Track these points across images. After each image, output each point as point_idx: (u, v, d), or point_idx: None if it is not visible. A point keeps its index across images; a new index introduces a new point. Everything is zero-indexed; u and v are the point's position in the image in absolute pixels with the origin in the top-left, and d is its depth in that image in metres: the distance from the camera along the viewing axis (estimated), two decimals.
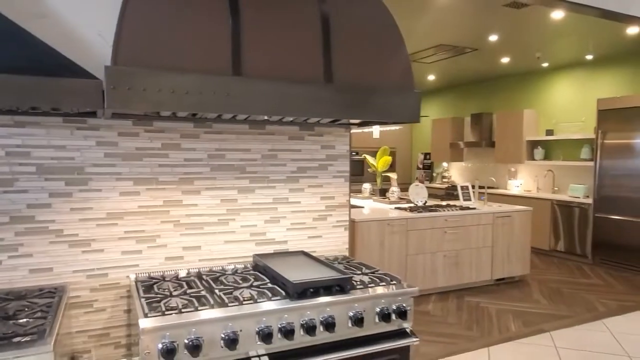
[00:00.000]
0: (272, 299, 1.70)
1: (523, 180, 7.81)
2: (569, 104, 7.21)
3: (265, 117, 1.96)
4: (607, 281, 5.41)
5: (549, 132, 7.21)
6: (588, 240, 6.26)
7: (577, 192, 6.56)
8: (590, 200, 6.23)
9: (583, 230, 6.32)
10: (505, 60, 6.86)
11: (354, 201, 5.72)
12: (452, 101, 9.62)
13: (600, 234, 6.10)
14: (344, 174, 2.47)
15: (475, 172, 8.85)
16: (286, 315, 1.67)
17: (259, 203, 2.28)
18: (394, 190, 5.52)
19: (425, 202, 5.35)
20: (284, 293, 1.75)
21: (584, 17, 4.20)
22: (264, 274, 2.02)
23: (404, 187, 7.89)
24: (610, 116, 6.00)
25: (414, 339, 1.89)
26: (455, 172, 9.39)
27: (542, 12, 4.57)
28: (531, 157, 7.51)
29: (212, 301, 1.66)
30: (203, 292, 1.76)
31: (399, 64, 1.94)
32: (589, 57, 6.56)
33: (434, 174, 9.88)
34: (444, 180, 9.32)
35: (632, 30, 5.08)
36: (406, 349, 1.90)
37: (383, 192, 5.83)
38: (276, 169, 2.30)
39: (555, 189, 7.27)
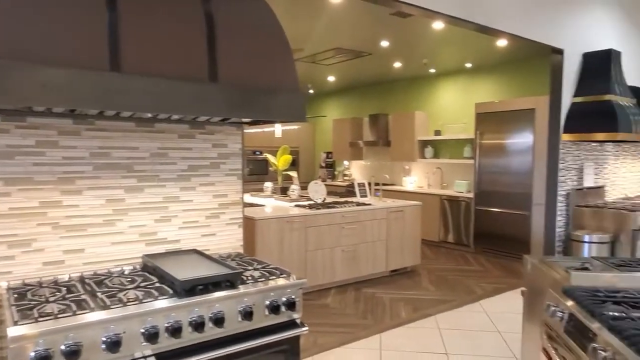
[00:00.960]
0: (159, 298, 1.69)
1: (416, 177, 8.38)
2: (453, 107, 7.90)
3: (150, 115, 1.93)
4: (485, 267, 6.02)
5: (437, 133, 7.82)
6: (471, 231, 6.91)
7: (461, 187, 7.20)
8: (472, 195, 6.88)
9: (467, 222, 6.96)
10: (397, 65, 7.32)
11: (255, 200, 5.75)
12: (351, 102, 10.02)
13: (481, 225, 6.77)
14: (237, 172, 2.50)
15: (374, 170, 9.31)
16: (173, 314, 1.66)
17: (148, 202, 2.22)
18: (294, 189, 5.64)
19: (324, 199, 5.53)
20: (171, 292, 1.74)
21: (461, 30, 4.65)
22: (153, 274, 1.99)
23: (307, 185, 8.07)
24: (486, 119, 6.68)
25: (303, 329, 1.98)
26: (356, 170, 9.79)
27: (425, 23, 4.97)
28: (422, 156, 8.09)
29: (93, 305, 1.61)
30: (84, 296, 1.69)
31: (284, 65, 2.02)
32: (469, 65, 7.25)
33: (336, 172, 10.22)
34: (345, 178, 9.68)
35: (501, 42, 5.71)
36: (296, 338, 1.99)
37: (284, 191, 5.92)
38: (166, 168, 2.26)
39: (444, 185, 7.92)
